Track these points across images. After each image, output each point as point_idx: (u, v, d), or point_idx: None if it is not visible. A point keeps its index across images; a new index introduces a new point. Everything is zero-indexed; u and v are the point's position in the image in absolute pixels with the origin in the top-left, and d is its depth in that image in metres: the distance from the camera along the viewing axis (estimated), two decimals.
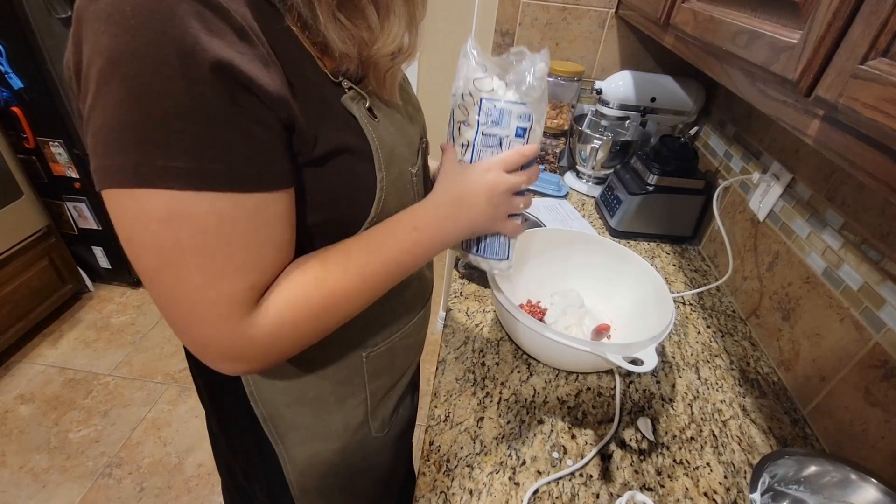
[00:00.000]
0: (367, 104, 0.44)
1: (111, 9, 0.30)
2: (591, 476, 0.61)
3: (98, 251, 2.07)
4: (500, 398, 0.70)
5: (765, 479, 0.52)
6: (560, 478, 0.60)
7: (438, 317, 1.80)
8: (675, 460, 0.64)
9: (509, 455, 0.62)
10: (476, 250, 0.58)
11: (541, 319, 0.82)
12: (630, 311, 0.81)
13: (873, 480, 0.51)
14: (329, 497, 0.65)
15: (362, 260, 0.44)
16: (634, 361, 0.59)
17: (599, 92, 1.21)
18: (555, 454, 0.63)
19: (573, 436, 0.66)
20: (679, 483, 0.61)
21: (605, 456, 0.63)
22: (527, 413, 0.68)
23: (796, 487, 0.55)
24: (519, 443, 0.64)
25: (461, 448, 0.62)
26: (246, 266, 0.37)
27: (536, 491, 0.58)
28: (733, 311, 0.94)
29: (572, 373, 0.75)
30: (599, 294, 0.86)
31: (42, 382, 1.74)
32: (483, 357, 0.76)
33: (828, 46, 0.36)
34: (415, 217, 0.48)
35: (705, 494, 0.60)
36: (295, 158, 0.39)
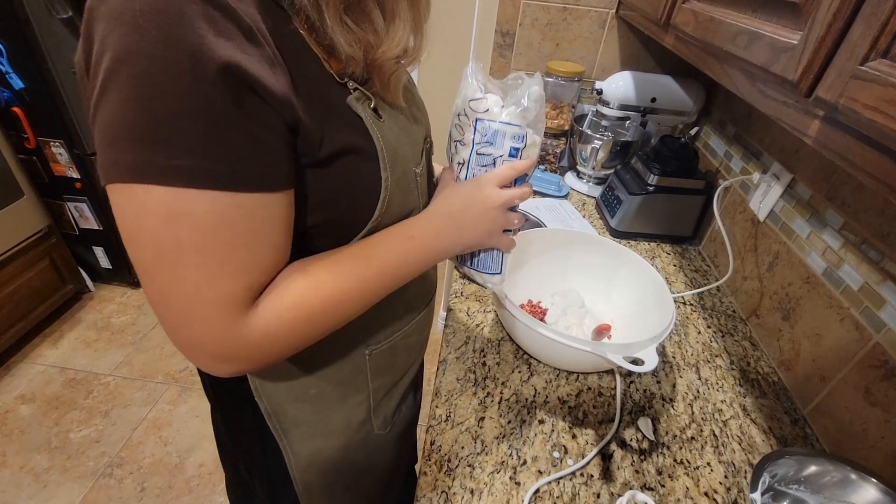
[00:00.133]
0: (372, 105, 0.44)
1: (121, 8, 0.30)
2: (592, 476, 0.61)
3: (99, 251, 2.07)
4: (501, 398, 0.70)
5: (765, 479, 0.52)
6: (561, 477, 0.60)
7: (439, 317, 1.80)
8: (676, 460, 0.64)
9: (510, 455, 0.62)
10: (470, 264, 0.60)
11: (541, 319, 0.82)
12: (630, 311, 0.82)
13: (873, 480, 0.51)
14: (332, 493, 0.65)
15: (358, 266, 0.45)
16: (635, 361, 0.59)
17: (600, 92, 1.22)
18: (556, 454, 0.63)
19: (574, 435, 0.66)
20: (680, 483, 0.61)
21: (606, 456, 0.64)
22: (527, 413, 0.68)
23: (797, 487, 0.55)
24: (520, 442, 0.64)
25: (462, 448, 0.63)
26: (244, 266, 0.37)
27: (537, 490, 0.58)
28: (733, 311, 0.94)
29: (573, 373, 0.76)
30: (600, 294, 0.86)
31: (43, 382, 1.74)
32: (484, 357, 0.77)
33: (828, 47, 0.36)
34: (411, 228, 0.49)
35: (706, 494, 0.60)
36: (299, 159, 0.40)
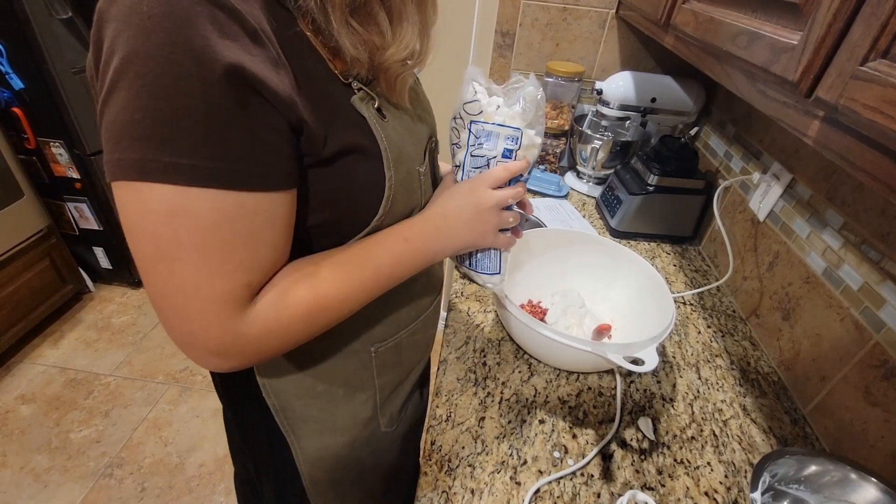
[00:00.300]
0: (377, 105, 0.44)
1: (129, 11, 0.31)
2: (593, 475, 0.61)
3: (99, 251, 2.07)
4: (502, 398, 0.70)
5: (765, 479, 0.52)
6: (561, 477, 0.60)
7: (439, 317, 1.80)
8: (676, 460, 0.64)
9: (510, 454, 0.62)
10: (469, 265, 0.60)
11: (541, 319, 0.82)
12: (630, 311, 0.82)
13: (873, 480, 0.51)
14: (339, 490, 0.66)
15: (354, 267, 0.45)
16: (635, 361, 0.59)
17: (600, 92, 1.22)
18: (556, 454, 0.63)
19: (574, 435, 0.66)
20: (680, 482, 0.61)
21: (606, 455, 0.64)
22: (528, 413, 0.68)
23: (797, 487, 0.55)
24: (520, 442, 0.64)
25: (462, 448, 0.63)
26: (243, 264, 0.38)
27: (538, 490, 0.59)
28: (733, 311, 0.94)
29: (573, 373, 0.76)
30: (600, 294, 0.86)
31: (43, 383, 1.74)
32: (484, 357, 0.77)
33: (828, 47, 0.36)
34: (406, 230, 0.49)
35: (706, 494, 0.60)
36: (302, 159, 0.40)
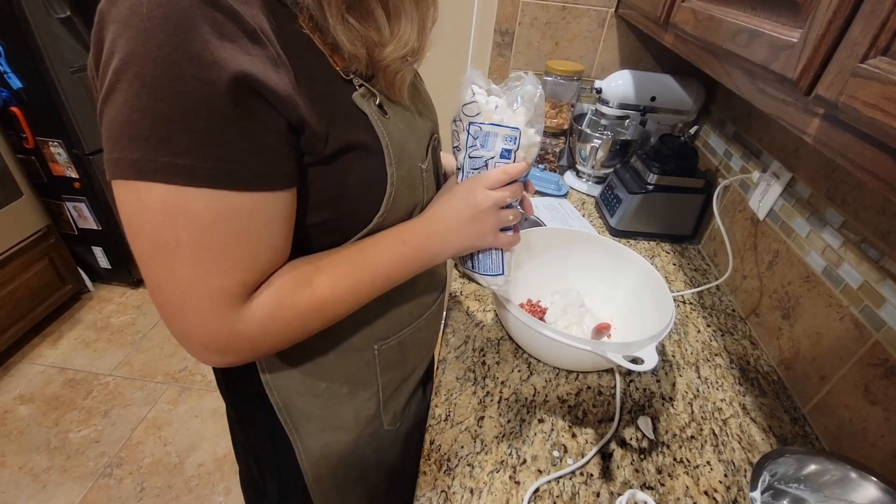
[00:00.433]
0: (378, 101, 0.44)
1: (129, 12, 0.31)
2: (592, 475, 0.61)
3: (98, 251, 2.07)
4: (501, 397, 0.70)
5: (765, 478, 0.52)
6: (560, 476, 0.60)
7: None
8: (676, 459, 0.64)
9: (510, 454, 0.62)
10: (471, 266, 0.60)
11: (541, 318, 0.82)
12: (630, 310, 0.81)
13: (873, 479, 0.51)
14: (342, 488, 0.66)
15: (352, 268, 0.45)
16: (635, 360, 0.59)
17: (599, 91, 1.21)
18: (555, 453, 0.63)
19: (573, 435, 0.66)
20: (679, 482, 0.61)
21: (606, 455, 0.64)
22: (527, 412, 0.68)
23: (796, 486, 0.55)
24: (519, 442, 0.64)
25: (462, 447, 0.62)
26: (239, 264, 0.38)
27: (537, 490, 0.58)
28: (733, 310, 0.94)
29: (572, 372, 0.75)
30: (599, 293, 0.86)
31: (42, 383, 1.74)
32: (483, 356, 0.76)
33: (828, 45, 0.36)
34: (404, 232, 0.49)
35: (705, 493, 0.60)
36: (303, 158, 0.40)
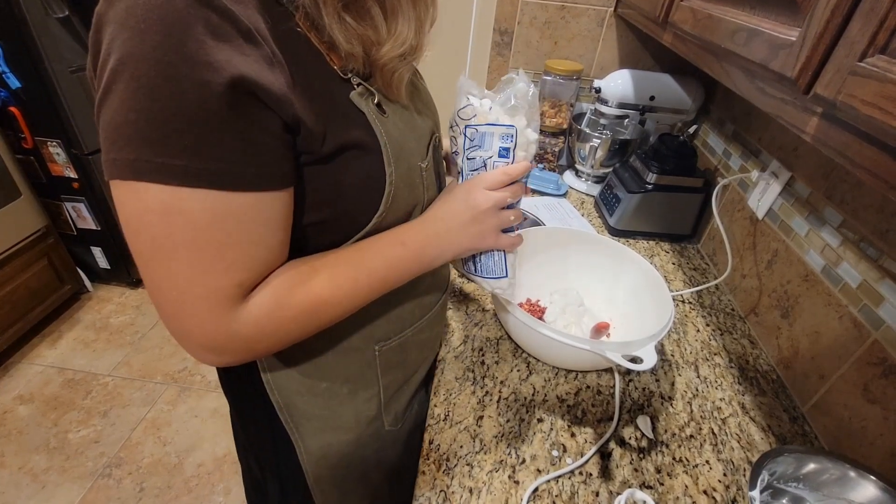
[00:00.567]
0: (376, 100, 0.44)
1: (126, 13, 0.31)
2: (591, 474, 0.61)
3: (97, 251, 2.07)
4: (500, 397, 0.70)
5: (764, 477, 0.52)
6: (560, 476, 0.60)
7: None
8: (675, 458, 0.64)
9: (509, 453, 0.62)
10: (474, 270, 0.59)
11: (540, 318, 0.82)
12: (629, 310, 0.81)
13: (872, 478, 0.51)
14: (343, 488, 0.66)
15: (350, 270, 0.45)
16: (634, 360, 0.58)
17: (598, 90, 1.21)
18: (554, 452, 0.63)
19: (573, 434, 0.66)
20: (678, 481, 0.61)
21: (605, 454, 0.63)
22: (526, 411, 0.68)
23: (795, 485, 0.55)
24: (518, 441, 0.64)
25: (461, 447, 0.62)
26: (236, 264, 0.38)
27: (536, 489, 0.58)
28: (732, 309, 0.94)
29: (572, 371, 0.75)
30: (599, 292, 0.86)
31: (41, 383, 1.74)
32: (482, 356, 0.76)
33: (826, 44, 0.36)
34: (403, 233, 0.49)
35: (705, 492, 0.60)
36: (300, 158, 0.40)
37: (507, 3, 1.25)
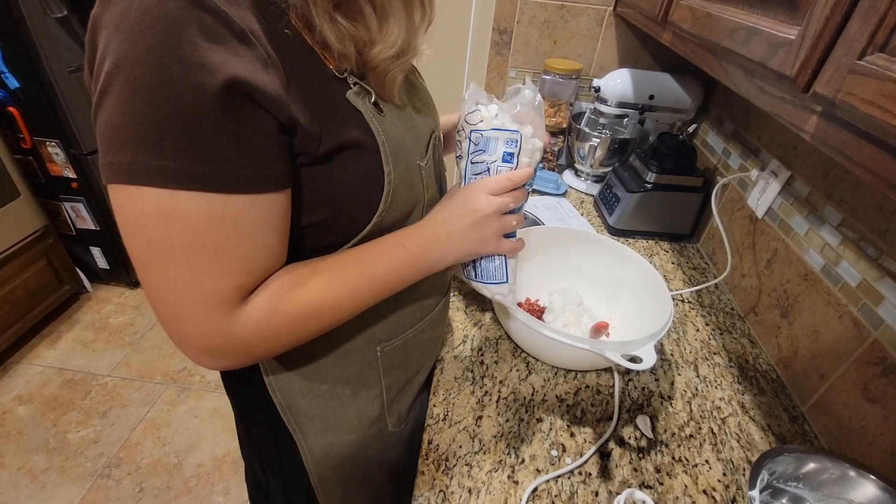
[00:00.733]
0: (373, 99, 0.44)
1: (120, 16, 0.31)
2: (590, 474, 0.61)
3: (96, 252, 2.06)
4: (499, 396, 0.70)
5: (763, 476, 0.52)
6: (559, 476, 0.60)
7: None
8: (674, 458, 0.64)
9: (508, 453, 0.62)
10: (474, 276, 0.59)
11: (539, 318, 0.82)
12: (629, 309, 0.81)
13: (872, 477, 0.51)
14: (346, 488, 0.66)
15: (349, 274, 0.45)
16: (633, 359, 0.58)
17: (598, 90, 1.21)
18: (554, 452, 0.63)
19: (572, 434, 0.66)
20: (678, 481, 0.61)
21: (604, 454, 0.63)
22: (525, 411, 0.68)
23: (795, 484, 0.55)
24: (518, 441, 0.64)
25: (460, 447, 0.62)
26: (233, 266, 0.38)
27: (535, 489, 0.58)
28: (732, 309, 0.94)
29: (571, 371, 0.75)
30: (598, 292, 0.86)
31: (40, 383, 1.74)
32: (482, 355, 0.76)
33: (825, 42, 0.36)
34: (404, 237, 0.49)
35: (704, 492, 0.60)
36: (296, 159, 0.40)
37: (507, 3, 1.25)
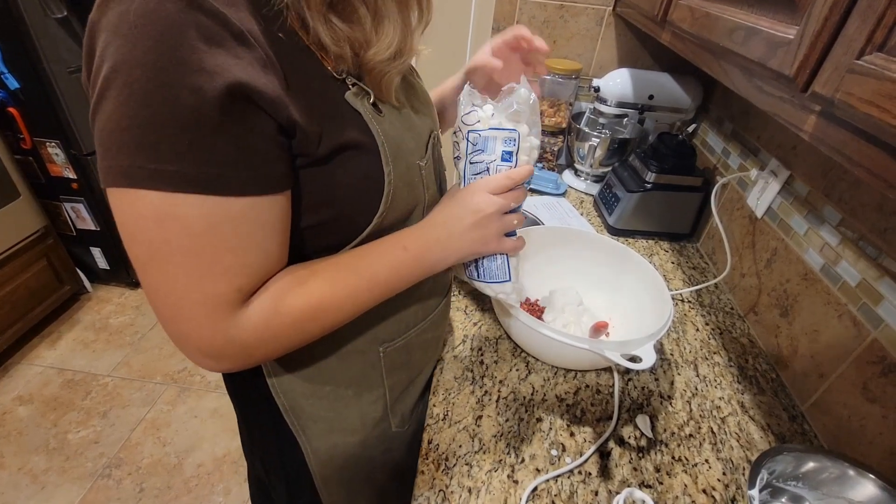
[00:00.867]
0: (372, 99, 0.44)
1: (118, 20, 0.31)
2: (590, 473, 0.61)
3: (96, 252, 2.07)
4: (499, 396, 0.70)
5: (763, 476, 0.52)
6: (559, 475, 0.60)
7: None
8: (674, 457, 0.64)
9: (508, 453, 0.62)
10: (477, 276, 0.59)
11: (539, 317, 0.82)
12: (628, 309, 0.81)
13: (871, 476, 0.51)
14: (350, 488, 0.66)
15: (350, 275, 0.45)
16: (633, 359, 0.58)
17: (597, 90, 1.21)
18: (553, 452, 0.63)
19: (572, 433, 0.66)
20: (678, 480, 0.61)
21: (604, 453, 0.63)
22: (525, 411, 0.68)
23: (794, 483, 0.55)
24: (517, 441, 0.64)
25: (460, 446, 0.62)
26: (233, 269, 0.38)
27: (535, 489, 0.58)
28: (731, 308, 0.94)
29: (571, 370, 0.75)
30: (598, 292, 0.86)
31: (41, 383, 1.74)
32: (482, 355, 0.76)
33: (824, 42, 0.36)
34: (405, 237, 0.49)
35: (704, 491, 0.60)
36: (296, 160, 0.40)
37: (506, 2, 1.25)
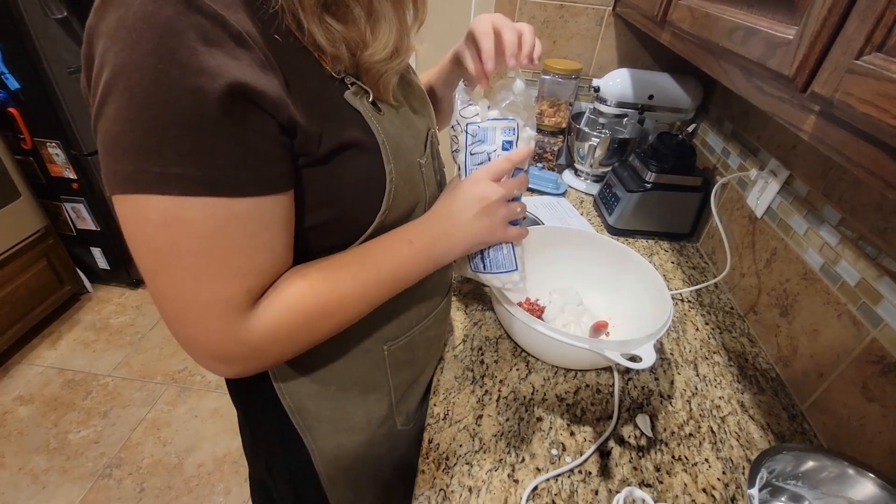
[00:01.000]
0: (371, 98, 0.44)
1: (117, 24, 0.31)
2: (590, 473, 0.61)
3: (97, 252, 2.07)
4: (499, 396, 0.70)
5: (763, 475, 0.52)
6: (559, 475, 0.60)
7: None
8: (674, 457, 0.64)
9: (508, 452, 0.62)
10: (483, 268, 0.59)
11: (539, 317, 0.82)
12: (628, 309, 0.81)
13: (871, 475, 0.51)
14: (356, 486, 0.66)
15: (357, 272, 0.45)
16: (633, 358, 0.59)
17: (597, 90, 1.21)
18: (554, 451, 0.63)
19: (572, 433, 0.66)
20: (678, 479, 0.61)
21: (604, 453, 0.64)
22: (525, 410, 0.68)
23: (794, 483, 0.55)
24: (518, 440, 0.64)
25: (460, 446, 0.62)
26: (242, 270, 0.38)
27: (535, 488, 0.58)
28: (731, 308, 0.94)
29: (571, 370, 0.76)
30: (598, 291, 0.86)
31: (41, 384, 1.74)
32: (482, 355, 0.76)
33: (823, 42, 0.36)
34: (410, 232, 0.49)
35: (704, 490, 0.60)
36: (298, 160, 0.40)
37: (506, 2, 1.25)
